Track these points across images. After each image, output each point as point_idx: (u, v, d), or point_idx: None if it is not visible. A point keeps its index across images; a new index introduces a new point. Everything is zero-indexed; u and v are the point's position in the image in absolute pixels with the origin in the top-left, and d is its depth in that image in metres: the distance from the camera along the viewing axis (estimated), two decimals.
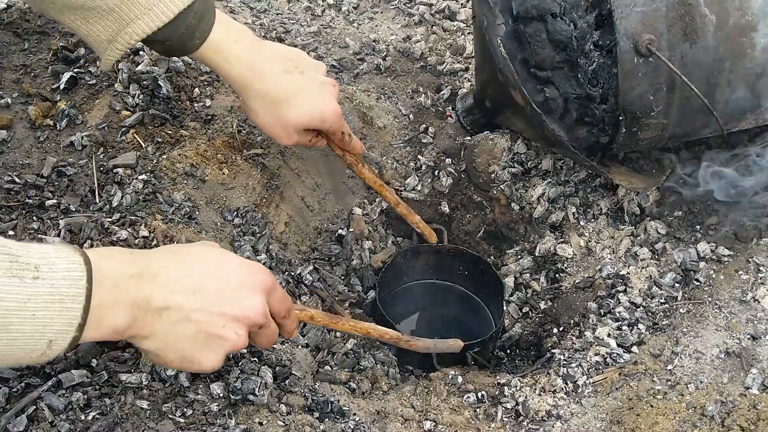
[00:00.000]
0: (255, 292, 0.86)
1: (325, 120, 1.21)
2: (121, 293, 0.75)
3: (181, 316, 0.80)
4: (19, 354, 0.67)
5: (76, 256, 0.70)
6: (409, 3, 2.13)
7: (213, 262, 0.85)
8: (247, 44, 1.15)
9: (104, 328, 0.74)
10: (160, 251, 0.86)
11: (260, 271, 0.89)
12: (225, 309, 0.83)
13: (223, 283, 0.83)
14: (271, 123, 1.20)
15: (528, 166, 1.61)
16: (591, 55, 1.29)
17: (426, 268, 1.60)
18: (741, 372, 1.13)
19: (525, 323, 1.51)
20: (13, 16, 1.48)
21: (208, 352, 0.84)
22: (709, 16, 1.19)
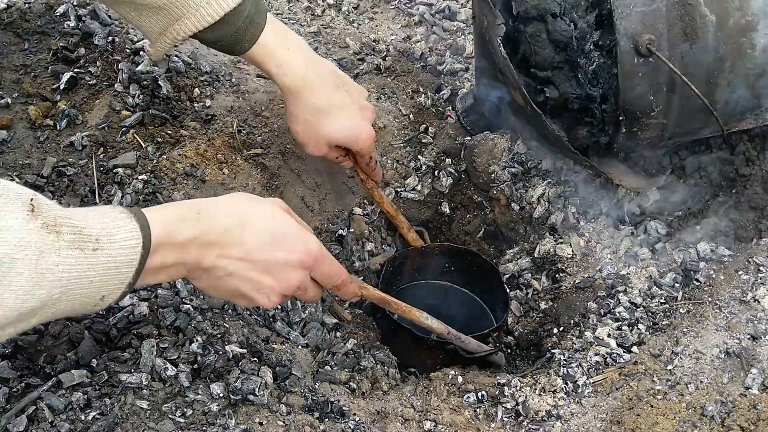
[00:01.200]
0: (296, 268, 0.94)
1: (359, 141, 1.27)
2: (182, 254, 0.85)
3: (224, 274, 0.90)
4: (76, 309, 0.76)
5: (132, 224, 0.78)
6: (409, 3, 2.13)
7: (269, 233, 0.92)
8: (300, 54, 1.21)
9: (159, 279, 0.87)
10: (227, 210, 0.91)
11: (309, 248, 0.95)
12: (263, 278, 0.92)
13: (270, 255, 0.92)
14: (307, 132, 1.24)
15: (528, 166, 1.61)
16: (591, 55, 1.29)
17: (418, 269, 1.60)
18: (741, 372, 1.13)
19: (525, 323, 1.51)
20: (13, 16, 1.48)
21: (244, 302, 0.97)
22: (709, 16, 1.19)
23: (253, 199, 0.96)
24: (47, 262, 0.68)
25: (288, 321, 1.25)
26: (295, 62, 1.19)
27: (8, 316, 0.67)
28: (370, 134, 1.28)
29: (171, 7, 1.10)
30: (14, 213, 0.66)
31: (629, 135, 1.30)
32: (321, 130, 1.24)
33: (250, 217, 0.92)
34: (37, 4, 1.52)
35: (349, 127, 1.25)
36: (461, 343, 1.28)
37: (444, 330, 1.24)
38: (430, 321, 1.21)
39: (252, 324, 1.19)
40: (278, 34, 1.18)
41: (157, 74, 1.44)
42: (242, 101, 1.55)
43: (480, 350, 1.30)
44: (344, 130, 1.25)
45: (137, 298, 1.11)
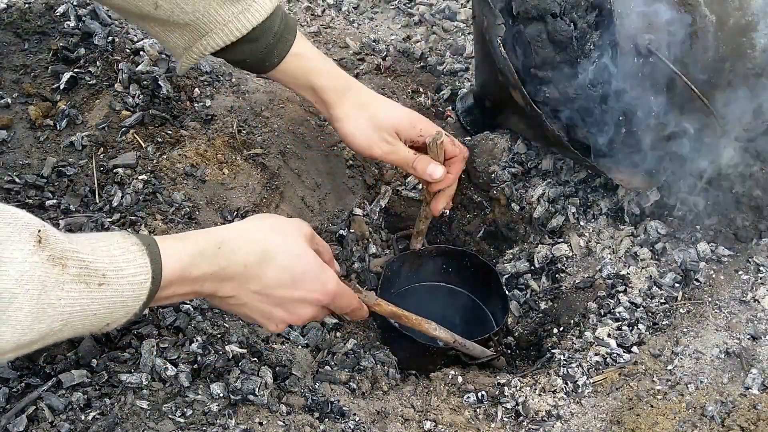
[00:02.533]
0: (309, 305, 0.96)
1: (414, 122, 1.20)
2: (196, 287, 0.86)
3: (237, 303, 0.93)
4: (79, 334, 0.76)
5: (143, 258, 0.77)
6: (409, 3, 2.13)
7: (290, 271, 0.91)
8: (334, 64, 1.23)
9: (169, 302, 0.88)
10: (249, 244, 0.90)
11: (327, 289, 0.95)
12: (275, 311, 0.94)
13: (287, 293, 0.92)
14: (364, 127, 1.19)
15: (528, 166, 1.61)
16: (591, 55, 1.29)
17: (416, 272, 1.60)
18: (741, 372, 1.13)
19: (525, 323, 1.50)
20: (13, 16, 1.48)
21: (256, 323, 0.99)
22: (709, 16, 1.19)
23: (277, 227, 0.94)
24: (50, 297, 0.67)
25: None
26: (334, 68, 1.21)
27: (5, 348, 0.67)
28: (422, 116, 1.24)
29: (197, 23, 1.09)
30: (20, 244, 0.65)
31: (629, 135, 1.30)
32: (374, 119, 1.19)
33: (273, 252, 0.91)
34: (37, 4, 1.52)
35: (400, 111, 1.21)
36: (466, 350, 1.29)
37: (451, 339, 1.25)
38: (438, 332, 1.22)
39: (252, 324, 1.19)
40: (310, 46, 1.20)
41: (157, 74, 1.44)
42: (242, 101, 1.55)
43: (483, 356, 1.32)
44: (396, 113, 1.20)
45: None
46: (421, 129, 1.20)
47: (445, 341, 1.25)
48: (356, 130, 1.19)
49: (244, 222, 0.96)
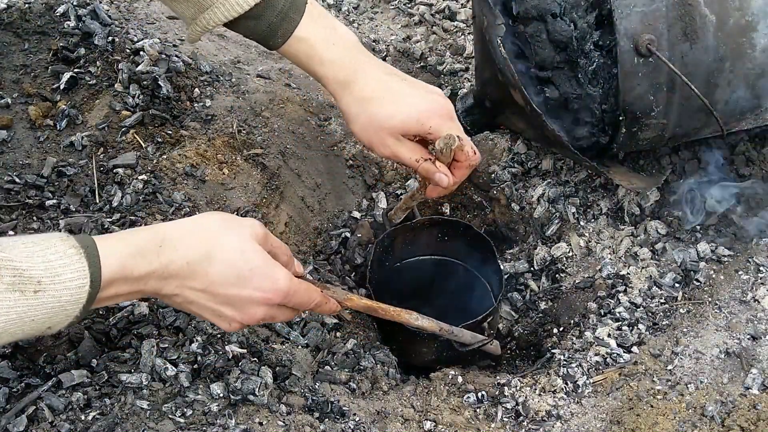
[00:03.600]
0: (259, 305, 0.91)
1: (422, 120, 1.06)
2: (138, 285, 0.83)
3: (183, 301, 0.89)
4: (20, 338, 0.76)
5: (81, 262, 0.76)
6: (409, 3, 2.13)
7: (236, 269, 0.88)
8: (346, 49, 1.10)
9: (114, 302, 0.85)
10: (193, 241, 0.87)
11: (277, 287, 0.91)
12: (224, 309, 0.90)
13: (234, 291, 0.88)
14: (364, 127, 1.09)
15: (528, 166, 1.61)
16: (591, 55, 1.29)
17: (408, 247, 1.52)
18: (741, 372, 1.13)
19: (525, 323, 1.51)
20: (13, 16, 1.48)
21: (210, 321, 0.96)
22: (709, 16, 1.19)
23: (224, 225, 0.90)
24: None
25: (288, 321, 1.25)
26: (339, 58, 1.09)
27: None
28: (434, 110, 1.07)
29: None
30: None
31: (629, 135, 1.30)
32: (375, 119, 1.07)
33: (218, 249, 0.87)
34: (37, 4, 1.52)
35: (406, 110, 1.06)
36: (455, 337, 1.24)
37: (436, 327, 1.19)
38: (420, 321, 1.17)
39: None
40: (319, 30, 1.09)
41: (157, 74, 1.44)
42: (242, 101, 1.55)
43: (474, 341, 1.26)
44: (401, 114, 1.06)
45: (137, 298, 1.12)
46: (430, 127, 1.07)
47: (430, 331, 1.19)
48: (356, 127, 1.11)
49: (191, 218, 0.92)
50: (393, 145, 1.09)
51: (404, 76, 1.12)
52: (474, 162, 1.12)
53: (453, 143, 1.06)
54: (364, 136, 1.11)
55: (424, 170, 1.10)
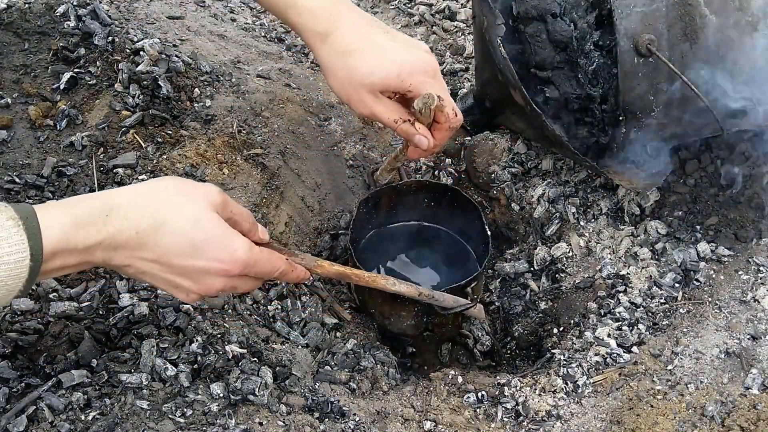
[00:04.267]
0: (217, 276, 0.86)
1: (403, 77, 0.99)
2: (85, 256, 0.79)
3: (136, 272, 0.85)
4: None
5: (20, 234, 0.72)
6: (409, 3, 2.13)
7: (189, 239, 0.82)
8: (330, 3, 1.03)
9: (65, 273, 0.81)
10: (142, 208, 0.81)
11: (234, 258, 0.85)
12: (180, 280, 0.85)
13: (188, 262, 0.83)
14: (342, 82, 1.02)
15: (528, 166, 1.61)
16: (591, 55, 1.29)
17: (393, 210, 1.47)
18: (741, 372, 1.13)
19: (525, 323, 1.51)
20: (13, 16, 1.48)
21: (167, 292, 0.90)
22: (709, 16, 1.19)
23: (178, 192, 0.84)
24: None
25: (288, 321, 1.25)
26: (318, 6, 1.02)
27: None
28: (417, 65, 1.00)
29: None
30: None
31: (629, 135, 1.30)
32: (354, 74, 1.00)
33: (169, 217, 0.82)
34: (37, 4, 1.52)
35: (388, 65, 0.99)
36: (436, 302, 1.19)
37: (415, 292, 1.14)
38: (398, 287, 1.10)
39: (252, 324, 1.19)
40: None
41: (157, 74, 1.44)
42: (242, 101, 1.55)
43: (456, 305, 1.22)
44: (381, 69, 0.98)
45: (137, 298, 1.12)
46: (411, 85, 1.00)
47: (409, 296, 1.14)
48: (334, 82, 1.03)
49: (144, 184, 0.85)
50: (371, 102, 1.02)
51: (387, 28, 1.05)
52: (455, 124, 1.06)
53: (432, 103, 1.00)
54: (341, 91, 1.04)
55: (403, 131, 1.04)
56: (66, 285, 1.11)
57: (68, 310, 1.06)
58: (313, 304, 1.32)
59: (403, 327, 1.29)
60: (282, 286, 1.29)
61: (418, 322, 1.30)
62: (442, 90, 1.03)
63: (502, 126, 1.65)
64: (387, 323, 1.30)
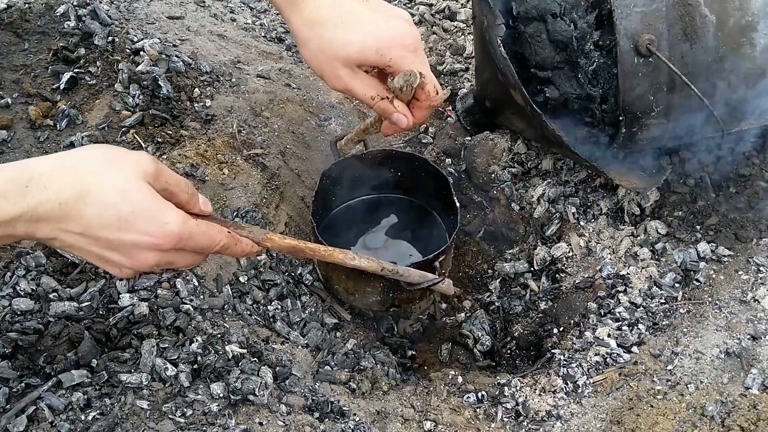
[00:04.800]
0: (148, 250, 0.81)
1: (382, 51, 0.92)
2: (7, 229, 0.75)
3: (63, 246, 0.80)
4: None
5: None
6: (409, 3, 2.13)
7: (116, 211, 0.77)
8: None
9: None
10: (66, 178, 0.76)
11: (165, 231, 0.80)
12: (109, 254, 0.81)
13: (115, 235, 0.78)
14: (315, 53, 0.95)
15: (528, 166, 1.61)
16: (591, 55, 1.29)
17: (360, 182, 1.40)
18: (741, 372, 1.13)
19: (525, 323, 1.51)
20: (13, 16, 1.48)
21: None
22: (709, 16, 1.19)
23: (106, 161, 0.79)
24: None
25: (288, 321, 1.25)
26: None
27: None
28: (402, 36, 0.93)
29: None
30: None
31: (629, 135, 1.30)
32: (328, 46, 0.93)
33: (95, 188, 0.76)
34: (37, 4, 1.52)
35: (363, 37, 0.92)
36: (401, 278, 1.13)
37: (377, 267, 1.07)
38: (357, 261, 1.04)
39: (252, 324, 1.19)
40: None
41: (157, 74, 1.44)
42: (242, 101, 1.55)
43: (423, 281, 1.16)
44: (357, 42, 0.92)
45: (137, 298, 1.11)
46: (390, 59, 0.93)
47: (371, 271, 1.07)
48: (306, 53, 0.96)
49: (67, 152, 0.80)
50: (346, 77, 0.95)
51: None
52: (436, 102, 1.00)
53: (414, 81, 0.93)
54: (314, 64, 0.96)
55: (381, 109, 0.98)
56: (66, 285, 1.11)
57: (68, 310, 1.06)
58: (313, 304, 1.32)
59: (368, 303, 1.24)
60: (282, 286, 1.29)
61: (384, 298, 1.24)
62: (423, 65, 0.96)
63: (503, 126, 1.65)
64: (352, 299, 1.24)
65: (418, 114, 1.00)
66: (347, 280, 1.21)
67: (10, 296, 1.06)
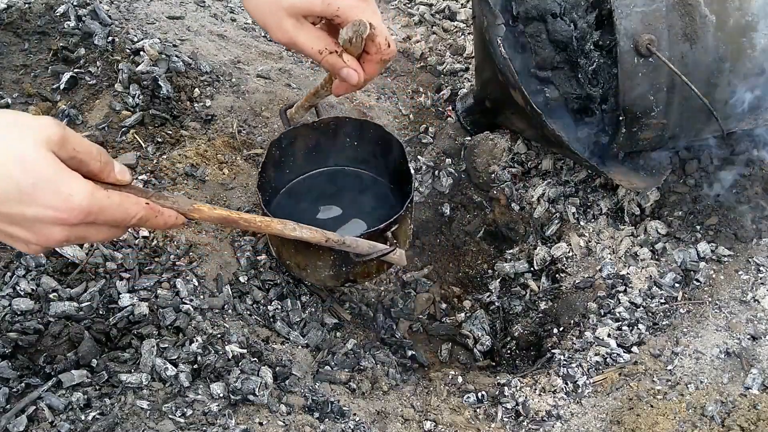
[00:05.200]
0: (54, 225, 0.75)
1: (331, 3, 0.87)
2: None
3: None
4: None
5: None
6: (409, 3, 2.13)
7: (15, 183, 0.71)
8: None
9: None
10: None
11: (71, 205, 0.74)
12: (13, 230, 0.75)
13: (16, 209, 0.73)
14: (258, 4, 0.90)
15: (528, 166, 1.61)
16: (591, 55, 1.29)
17: (312, 152, 1.32)
18: (741, 372, 1.13)
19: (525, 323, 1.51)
20: (13, 16, 1.48)
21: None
22: (709, 16, 1.19)
23: (7, 126, 0.72)
24: None
25: (288, 321, 1.25)
26: None
27: None
28: None
29: None
30: None
31: (629, 135, 1.30)
32: None
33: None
34: (37, 4, 1.52)
35: None
36: (348, 248, 1.08)
37: (321, 238, 1.01)
38: (299, 232, 0.98)
39: (252, 324, 1.19)
40: None
41: (157, 74, 1.44)
42: (242, 101, 1.55)
43: (373, 251, 1.10)
44: None
45: (137, 298, 1.12)
46: (338, 9, 0.87)
47: (315, 242, 1.01)
48: (250, 3, 0.90)
49: None
50: (291, 28, 0.89)
51: None
52: (387, 56, 0.93)
53: (363, 31, 0.88)
54: (258, 14, 0.91)
55: (329, 64, 0.91)
56: (66, 285, 1.11)
57: (68, 310, 1.06)
58: (313, 304, 1.32)
59: (321, 278, 1.17)
60: (282, 286, 1.29)
61: (337, 272, 1.17)
62: (373, 15, 0.90)
63: (503, 126, 1.65)
64: (304, 275, 1.18)
65: (369, 69, 0.94)
66: (296, 254, 1.14)
67: (10, 296, 1.06)
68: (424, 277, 1.63)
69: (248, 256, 1.27)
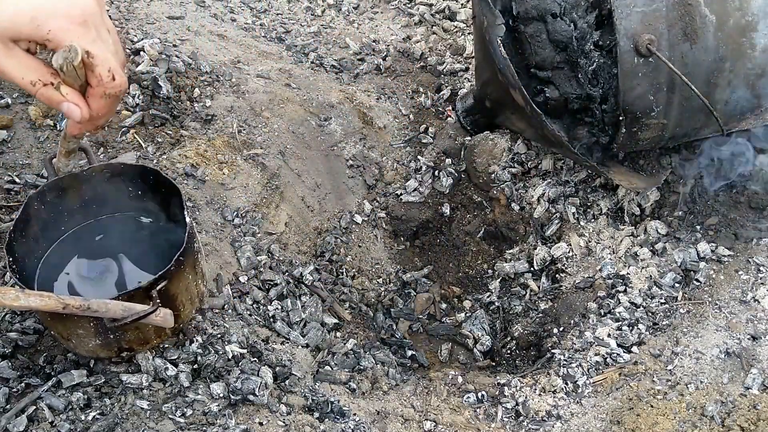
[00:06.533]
0: None
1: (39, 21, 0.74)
2: None
3: None
4: None
5: None
6: (409, 3, 2.13)
7: None
8: None
9: None
10: None
11: None
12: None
13: None
14: None
15: (528, 166, 1.61)
16: (591, 55, 1.29)
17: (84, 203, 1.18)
18: (741, 372, 1.13)
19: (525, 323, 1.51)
20: None
21: None
22: (709, 16, 1.19)
23: None
24: None
25: (288, 321, 1.25)
26: None
27: None
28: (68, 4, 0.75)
29: None
30: None
31: (629, 135, 1.30)
32: None
33: None
34: None
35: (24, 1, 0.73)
36: (96, 314, 0.92)
37: (56, 304, 0.87)
38: (23, 300, 0.83)
39: (252, 324, 1.19)
40: None
41: (157, 74, 1.44)
42: (242, 101, 1.55)
43: (128, 314, 0.94)
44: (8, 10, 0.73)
45: None
46: (49, 32, 0.74)
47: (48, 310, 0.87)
48: None
49: None
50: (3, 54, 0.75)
51: None
52: (113, 90, 0.80)
53: (73, 58, 0.75)
54: None
55: (45, 98, 0.78)
56: None
57: None
58: (313, 304, 1.32)
59: (90, 348, 1.02)
60: (282, 286, 1.29)
61: (106, 341, 1.02)
62: (94, 43, 0.77)
63: (503, 126, 1.65)
64: (71, 346, 1.03)
65: (94, 104, 0.80)
66: (54, 323, 0.99)
67: None
68: (424, 277, 1.63)
69: (248, 256, 1.27)
